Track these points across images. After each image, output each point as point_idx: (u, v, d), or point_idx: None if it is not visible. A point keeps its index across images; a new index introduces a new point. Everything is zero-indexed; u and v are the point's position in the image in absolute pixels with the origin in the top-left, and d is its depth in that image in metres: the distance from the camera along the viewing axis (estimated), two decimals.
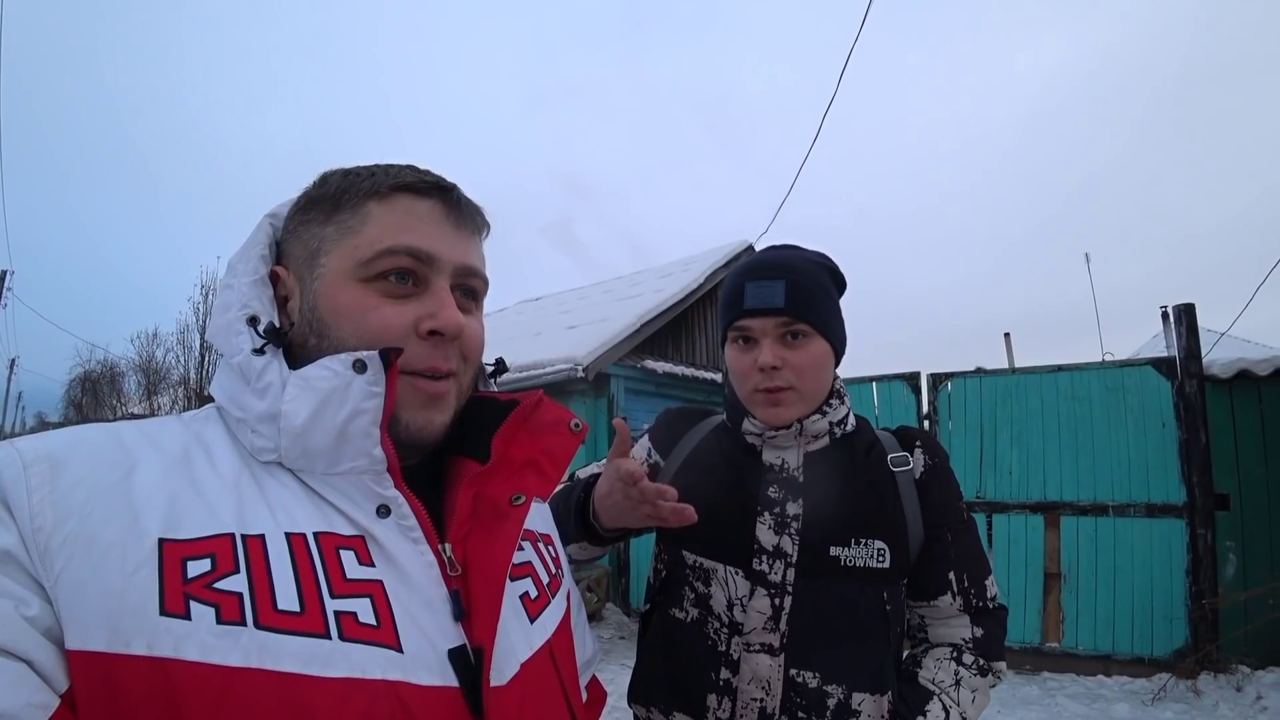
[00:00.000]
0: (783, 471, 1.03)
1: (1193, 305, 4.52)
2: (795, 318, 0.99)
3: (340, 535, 0.55)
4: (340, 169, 0.65)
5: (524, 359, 8.03)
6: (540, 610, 0.67)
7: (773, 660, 0.95)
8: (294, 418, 0.55)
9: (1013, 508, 4.93)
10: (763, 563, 0.98)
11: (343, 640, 0.50)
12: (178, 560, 0.47)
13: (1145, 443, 4.59)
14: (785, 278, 1.01)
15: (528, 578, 0.68)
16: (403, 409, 0.60)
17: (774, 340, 1.01)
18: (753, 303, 1.01)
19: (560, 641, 0.69)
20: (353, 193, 0.61)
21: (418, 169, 0.65)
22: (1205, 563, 4.31)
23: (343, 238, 0.60)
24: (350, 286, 0.59)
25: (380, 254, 0.59)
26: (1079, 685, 4.40)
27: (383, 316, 0.59)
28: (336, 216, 0.61)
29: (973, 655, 1.01)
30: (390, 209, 0.61)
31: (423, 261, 0.61)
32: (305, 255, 0.62)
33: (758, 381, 1.01)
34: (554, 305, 13.03)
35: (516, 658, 0.60)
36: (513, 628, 0.61)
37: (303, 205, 0.64)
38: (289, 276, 0.62)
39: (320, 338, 0.59)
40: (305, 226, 0.63)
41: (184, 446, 0.55)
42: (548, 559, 0.74)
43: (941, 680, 0.98)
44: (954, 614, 1.03)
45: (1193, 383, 4.43)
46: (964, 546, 1.04)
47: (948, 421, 5.26)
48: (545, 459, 0.66)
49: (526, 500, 0.63)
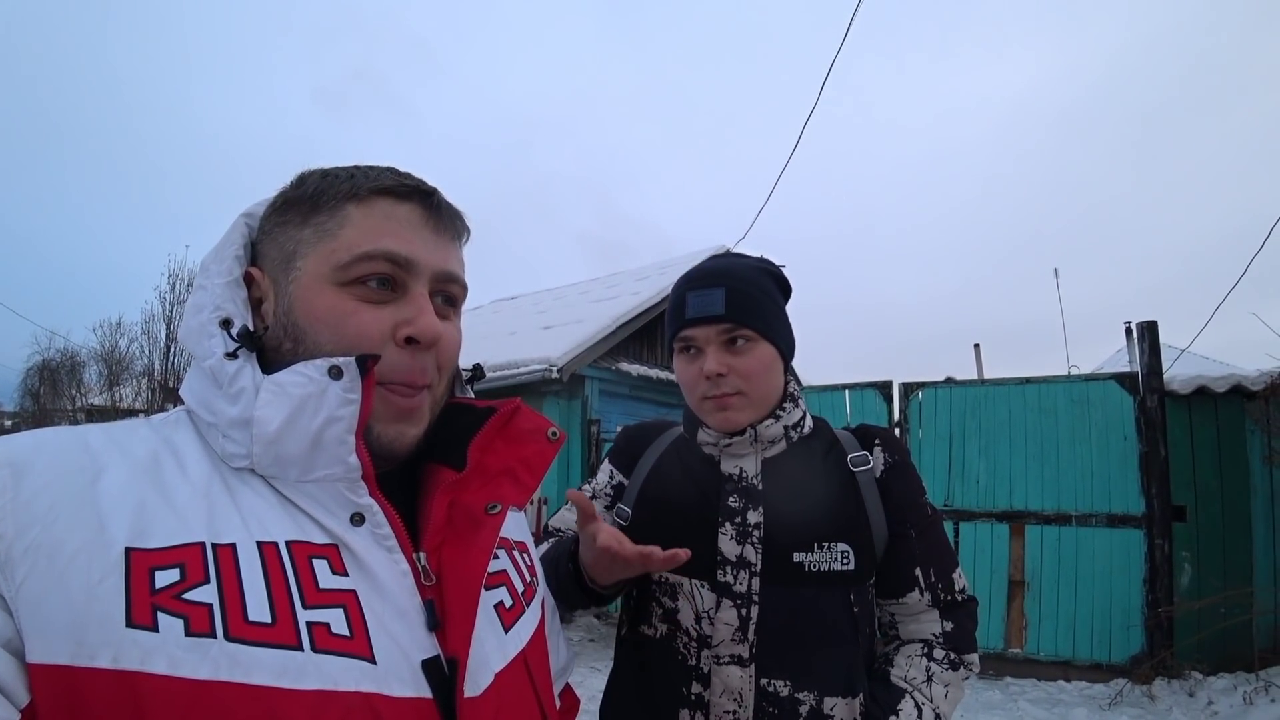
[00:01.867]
0: (742, 480, 1.03)
1: (1155, 323, 4.64)
2: (737, 324, 1.00)
3: (313, 544, 0.54)
4: (319, 170, 0.64)
5: (499, 358, 7.98)
6: (515, 619, 0.66)
7: (743, 671, 0.95)
8: (267, 424, 0.54)
9: (979, 516, 5.02)
10: (727, 574, 0.98)
11: (315, 652, 0.49)
12: (145, 570, 0.46)
13: (1107, 455, 4.70)
14: (724, 285, 1.01)
15: (502, 586, 0.67)
16: (375, 421, 0.59)
17: (718, 347, 1.01)
18: (693, 312, 1.01)
19: (534, 650, 0.69)
20: (331, 195, 0.60)
21: (398, 172, 0.64)
22: (1162, 572, 4.43)
23: (320, 241, 0.59)
24: (327, 291, 0.58)
25: (358, 258, 0.58)
26: (1040, 690, 4.49)
27: (360, 322, 0.58)
28: (314, 219, 0.60)
29: (943, 650, 1.01)
30: (369, 212, 0.60)
31: (401, 267, 0.60)
32: (281, 258, 0.60)
33: (705, 390, 1.02)
34: (530, 305, 12.97)
35: (490, 668, 0.60)
36: (487, 637, 0.61)
37: (279, 206, 0.62)
38: (264, 279, 0.61)
39: (296, 342, 0.58)
40: (281, 228, 0.61)
41: (152, 452, 0.54)
42: (522, 567, 0.73)
43: (913, 677, 0.99)
44: (923, 609, 1.03)
45: (1154, 398, 4.56)
46: (929, 542, 1.05)
47: (918, 430, 5.34)
48: (522, 467, 0.66)
49: (502, 509, 0.63)
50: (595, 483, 1.18)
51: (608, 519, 1.11)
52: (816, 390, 5.89)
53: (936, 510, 1.09)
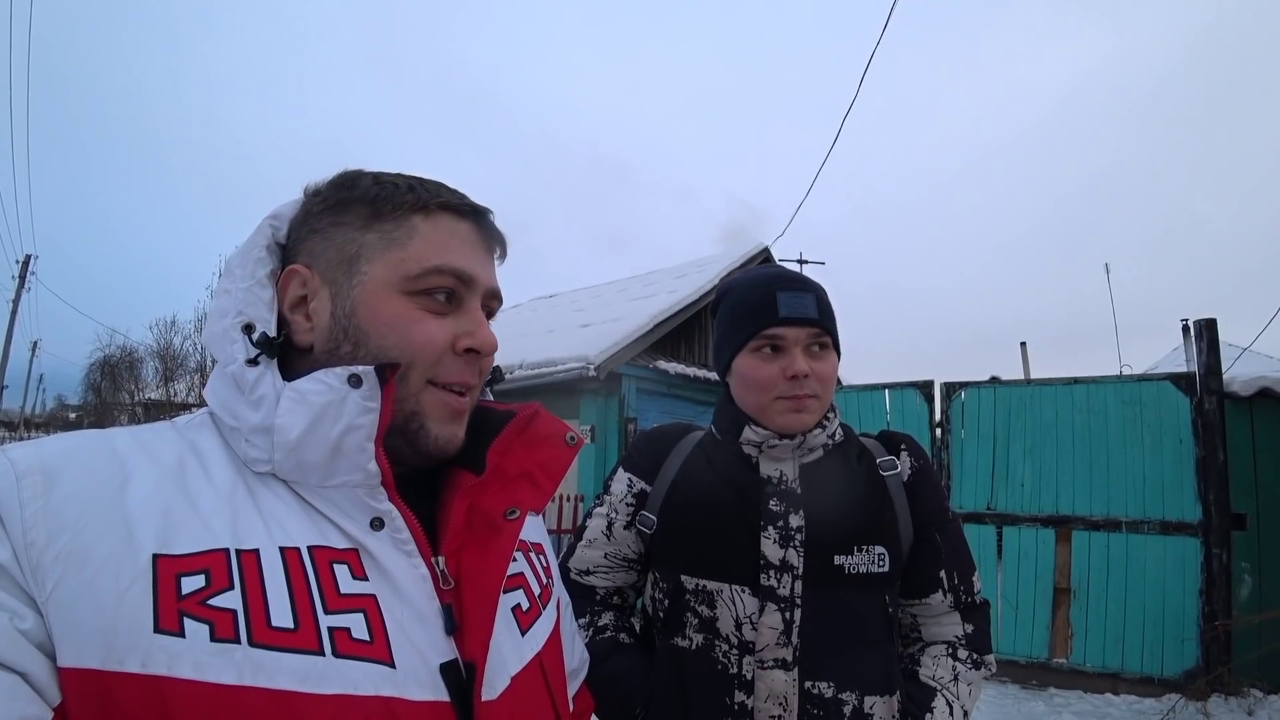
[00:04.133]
0: (781, 484, 1.04)
1: (1214, 320, 4.44)
2: (824, 330, 1.05)
3: (334, 549, 0.55)
4: (365, 172, 0.66)
5: (537, 356, 8.05)
6: (531, 622, 0.67)
7: (787, 675, 0.96)
8: (288, 432, 0.55)
9: (1024, 520, 4.86)
10: (770, 577, 0.98)
11: (336, 657, 0.50)
12: (172, 576, 0.47)
13: (1161, 459, 4.51)
14: (814, 291, 1.07)
15: (519, 589, 0.68)
16: (431, 421, 0.62)
17: (803, 349, 1.04)
18: (787, 311, 1.04)
19: (550, 653, 0.69)
20: (395, 203, 0.62)
21: (454, 190, 0.66)
22: (1220, 583, 4.23)
23: (388, 248, 0.61)
24: (394, 298, 0.61)
25: (429, 271, 0.61)
26: (1085, 703, 4.33)
27: (426, 330, 0.61)
28: (379, 225, 0.62)
29: (966, 651, 1.06)
30: (435, 227, 0.63)
31: (463, 282, 0.63)
32: (341, 259, 0.61)
33: (784, 389, 1.03)
34: (568, 303, 13.06)
35: (507, 671, 0.60)
36: (504, 641, 0.61)
37: (334, 205, 0.63)
38: (313, 277, 0.62)
39: (356, 345, 0.60)
40: (339, 228, 0.62)
41: (178, 456, 0.55)
42: (539, 569, 0.74)
43: (941, 676, 1.03)
44: (945, 611, 1.08)
45: (1212, 399, 4.35)
46: (953, 545, 1.09)
47: (960, 431, 5.20)
48: (540, 471, 0.67)
49: (521, 514, 0.64)
50: (612, 496, 1.14)
51: (630, 535, 1.11)
52: (856, 390, 5.79)
53: (956, 514, 1.14)
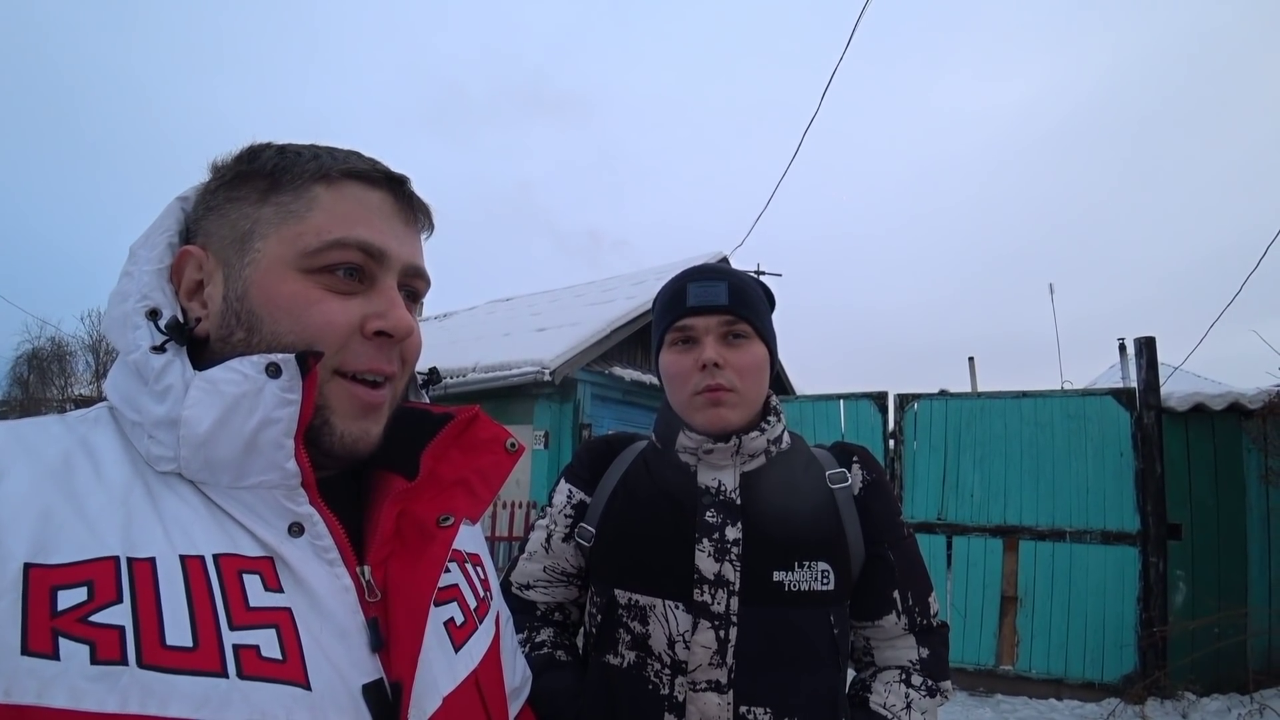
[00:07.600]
0: (719, 494, 0.98)
1: (1154, 339, 4.62)
2: (738, 317, 0.99)
3: (244, 557, 0.50)
4: (272, 144, 0.60)
5: (491, 359, 7.92)
6: (466, 638, 0.62)
7: (721, 698, 0.90)
8: (196, 425, 0.49)
9: (973, 530, 4.97)
10: (704, 593, 0.93)
11: (241, 679, 0.45)
12: (45, 590, 0.41)
13: (1103, 471, 4.66)
14: (727, 280, 1.01)
15: (453, 602, 0.63)
16: (336, 417, 0.55)
17: (716, 338, 0.99)
18: (696, 301, 0.99)
19: (487, 671, 0.64)
20: (295, 173, 0.56)
21: (365, 156, 0.60)
22: (1156, 590, 4.39)
23: (284, 222, 0.55)
24: (291, 277, 0.54)
25: (329, 245, 0.54)
26: (1031, 708, 4.44)
27: (327, 312, 0.54)
28: (275, 197, 0.56)
29: (920, 676, 0.99)
30: (340, 196, 0.56)
31: (373, 257, 0.56)
32: (233, 236, 0.56)
33: (698, 381, 0.98)
34: (524, 306, 12.94)
35: (439, 691, 0.56)
36: (435, 658, 0.57)
37: (230, 180, 0.57)
38: (207, 258, 0.56)
39: (250, 331, 0.54)
40: (233, 204, 0.57)
41: (64, 453, 0.49)
42: (476, 581, 0.69)
43: (893, 705, 0.96)
44: (899, 634, 1.01)
45: (1151, 414, 4.53)
46: (907, 564, 1.03)
47: (913, 441, 5.30)
48: (477, 478, 0.62)
49: (455, 522, 0.59)
50: (552, 508, 1.10)
51: (568, 548, 1.07)
52: (811, 400, 5.85)
53: (912, 532, 1.08)
